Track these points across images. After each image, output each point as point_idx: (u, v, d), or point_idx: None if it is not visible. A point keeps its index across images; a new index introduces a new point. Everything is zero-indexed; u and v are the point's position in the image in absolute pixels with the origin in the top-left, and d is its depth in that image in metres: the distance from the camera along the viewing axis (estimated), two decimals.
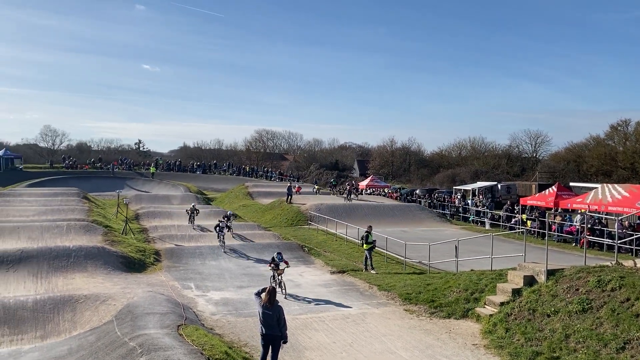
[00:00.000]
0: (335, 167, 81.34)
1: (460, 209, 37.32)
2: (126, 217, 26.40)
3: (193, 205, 28.95)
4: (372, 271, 18.21)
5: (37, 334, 12.14)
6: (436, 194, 43.35)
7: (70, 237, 21.30)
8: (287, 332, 9.06)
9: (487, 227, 31.56)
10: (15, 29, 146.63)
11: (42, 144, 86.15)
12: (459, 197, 40.54)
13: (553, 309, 11.14)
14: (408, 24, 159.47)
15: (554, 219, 26.69)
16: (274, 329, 8.77)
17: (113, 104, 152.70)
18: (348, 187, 40.10)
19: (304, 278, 17.78)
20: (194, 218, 27.85)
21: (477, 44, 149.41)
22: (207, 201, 42.84)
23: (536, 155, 76.36)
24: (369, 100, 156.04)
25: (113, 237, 21.94)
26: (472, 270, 16.18)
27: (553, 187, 29.74)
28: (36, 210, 29.01)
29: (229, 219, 24.99)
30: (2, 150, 61.44)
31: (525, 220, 29.06)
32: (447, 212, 37.60)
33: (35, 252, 18.03)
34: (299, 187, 40.39)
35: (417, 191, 46.82)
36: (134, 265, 18.75)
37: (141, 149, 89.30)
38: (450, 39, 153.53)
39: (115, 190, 34.37)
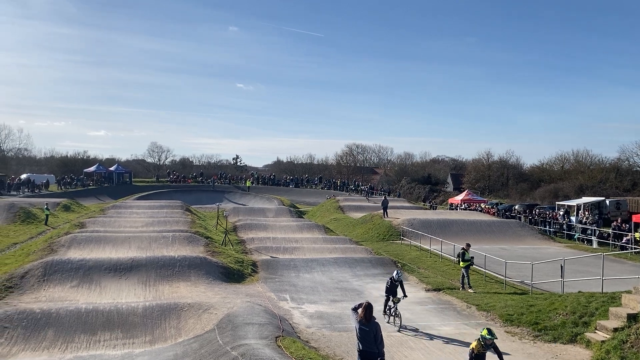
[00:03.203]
0: (427, 181, 79.77)
1: (564, 226, 35.07)
2: (225, 229, 27.57)
3: None
4: (469, 290, 17.57)
5: (146, 339, 12.88)
6: (537, 210, 41.08)
7: (175, 248, 22.56)
8: (384, 349, 8.96)
9: (595, 245, 29.37)
10: (126, 54, 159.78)
11: (149, 160, 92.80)
12: (561, 213, 38.10)
13: None
14: (498, 34, 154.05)
15: None
16: (371, 346, 8.71)
17: (211, 121, 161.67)
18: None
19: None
20: None
21: (578, 51, 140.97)
22: (300, 214, 43.66)
23: None
24: (462, 112, 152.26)
25: (214, 248, 22.95)
26: (579, 292, 15.10)
27: None
28: (144, 221, 31.08)
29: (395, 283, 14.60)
30: (115, 166, 66.88)
31: (639, 239, 26.70)
32: (549, 229, 35.48)
33: (144, 261, 19.25)
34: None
35: (516, 206, 44.62)
36: (233, 275, 19.46)
37: (238, 163, 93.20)
38: (550, 47, 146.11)
39: (215, 203, 36.07)
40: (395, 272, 14.72)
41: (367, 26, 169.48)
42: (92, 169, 64.20)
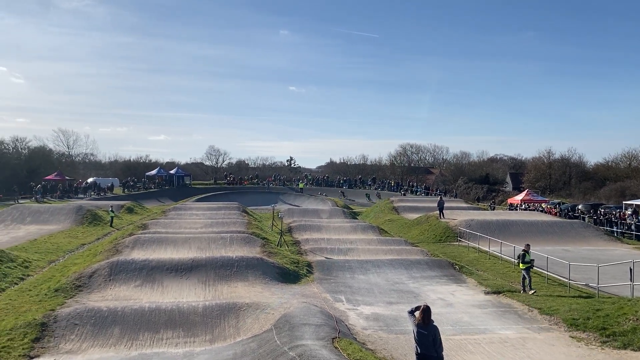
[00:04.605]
0: (485, 181, 77.76)
1: (633, 227, 33.28)
2: (281, 230, 27.92)
3: None
4: (530, 292, 16.98)
5: (206, 338, 13.19)
6: (602, 210, 39.22)
7: (232, 248, 23.04)
8: (443, 352, 8.80)
9: None
10: (183, 61, 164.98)
11: (207, 163, 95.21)
12: (629, 212, 36.18)
13: None
14: (558, 28, 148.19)
15: None
16: (430, 349, 8.57)
17: (266, 124, 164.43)
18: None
19: (456, 297, 17.16)
20: None
21: None
22: (354, 215, 43.59)
23: None
24: (521, 109, 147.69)
25: (270, 248, 23.28)
26: None
27: None
28: (203, 222, 31.93)
29: None
30: (175, 169, 69.20)
31: None
32: (616, 229, 33.79)
33: (204, 262, 19.76)
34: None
35: (580, 206, 42.81)
36: (289, 276, 19.67)
37: (292, 165, 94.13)
38: (612, 40, 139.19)
39: (270, 204, 36.71)
40: None
41: (422, 25, 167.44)
42: (153, 172, 66.65)
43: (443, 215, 34.14)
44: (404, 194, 55.72)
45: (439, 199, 38.97)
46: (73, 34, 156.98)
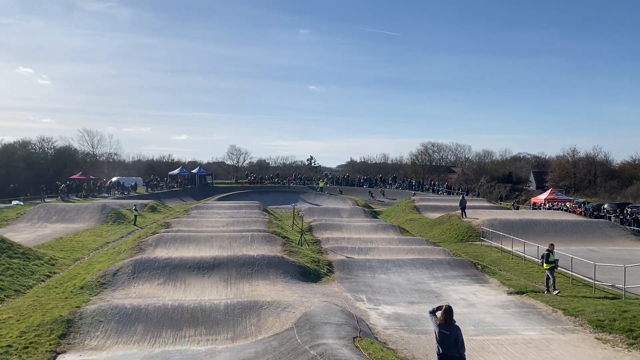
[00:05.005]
0: (508, 180, 76.78)
1: None
2: (301, 229, 27.98)
3: None
4: (554, 293, 16.72)
5: (228, 336, 13.28)
6: (629, 209, 38.37)
7: (254, 247, 23.17)
8: (465, 353, 8.72)
9: None
10: (204, 61, 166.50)
11: (228, 162, 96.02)
12: None
13: None
14: (581, 23, 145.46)
15: None
16: (452, 350, 8.50)
17: (286, 123, 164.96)
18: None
19: (478, 297, 16.99)
20: None
21: None
22: (374, 214, 43.44)
23: None
24: (544, 107, 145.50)
25: (290, 247, 23.35)
26: None
27: None
28: (225, 221, 32.17)
29: None
30: (197, 168, 69.81)
31: None
32: None
33: (226, 260, 19.90)
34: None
35: (606, 206, 41.95)
36: (309, 275, 19.70)
37: (312, 164, 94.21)
38: (637, 35, 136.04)
39: (290, 203, 36.76)
40: None
41: (443, 22, 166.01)
42: (175, 171, 67.34)
43: (465, 215, 33.82)
44: (415, 194, 55.22)
45: (461, 198, 38.58)
46: (97, 35, 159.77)
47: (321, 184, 63.36)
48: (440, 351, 8.58)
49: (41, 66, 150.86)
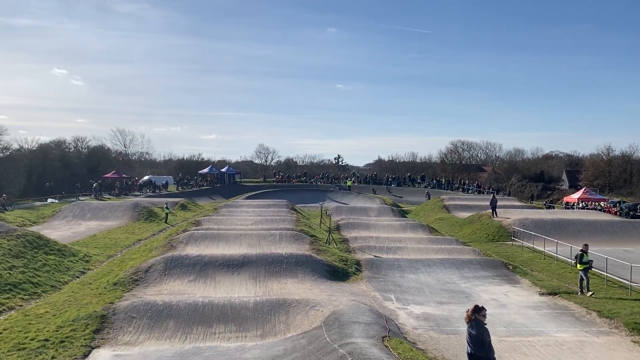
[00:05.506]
0: (540, 179, 75.27)
1: None
2: (329, 228, 28.00)
3: None
4: (588, 294, 16.33)
5: (257, 333, 13.38)
6: None
7: (282, 245, 23.30)
8: (495, 355, 8.59)
9: None
10: (233, 61, 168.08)
11: (256, 161, 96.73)
12: None
13: None
14: (613, 18, 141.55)
15: None
16: (481, 350, 8.39)
17: (314, 122, 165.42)
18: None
19: (509, 298, 16.71)
20: None
21: None
22: (403, 214, 43.16)
23: None
24: (577, 105, 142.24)
25: (318, 246, 23.39)
26: None
27: None
28: (253, 219, 32.43)
29: None
30: (226, 167, 70.62)
31: None
32: None
33: (255, 258, 20.07)
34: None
35: None
36: (337, 274, 19.70)
37: (340, 163, 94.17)
38: None
39: (318, 202, 36.86)
40: None
41: (473, 19, 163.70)
42: (205, 170, 68.21)
43: (496, 214, 33.32)
44: (428, 194, 54.53)
45: (491, 197, 38.00)
46: (129, 36, 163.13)
47: (349, 183, 63.28)
48: (470, 351, 8.47)
49: (75, 67, 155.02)
